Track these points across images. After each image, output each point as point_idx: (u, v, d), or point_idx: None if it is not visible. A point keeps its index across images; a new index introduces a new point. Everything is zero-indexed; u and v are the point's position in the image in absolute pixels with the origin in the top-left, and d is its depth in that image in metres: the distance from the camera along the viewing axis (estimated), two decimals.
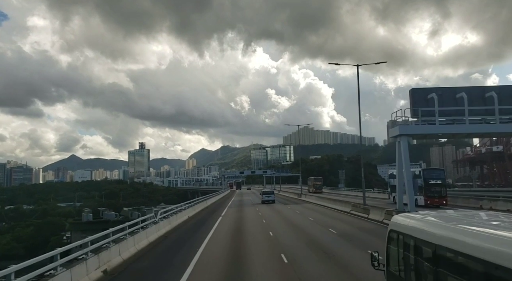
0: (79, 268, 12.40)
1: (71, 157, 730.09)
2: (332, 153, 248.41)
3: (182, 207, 35.69)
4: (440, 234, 5.56)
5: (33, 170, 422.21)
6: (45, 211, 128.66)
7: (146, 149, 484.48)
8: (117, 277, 14.15)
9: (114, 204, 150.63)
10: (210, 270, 14.80)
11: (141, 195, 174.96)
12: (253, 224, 30.87)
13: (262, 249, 18.79)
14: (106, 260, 14.66)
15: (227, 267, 15.30)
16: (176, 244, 21.54)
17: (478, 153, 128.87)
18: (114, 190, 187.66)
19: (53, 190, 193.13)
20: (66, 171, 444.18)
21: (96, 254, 13.95)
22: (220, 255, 17.93)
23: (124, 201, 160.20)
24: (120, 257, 16.26)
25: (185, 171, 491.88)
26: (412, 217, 6.94)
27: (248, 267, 14.97)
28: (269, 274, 13.72)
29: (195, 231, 27.19)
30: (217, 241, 22.06)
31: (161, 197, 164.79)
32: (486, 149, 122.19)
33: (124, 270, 15.12)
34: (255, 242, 21.16)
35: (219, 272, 14.46)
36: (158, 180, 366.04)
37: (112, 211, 69.54)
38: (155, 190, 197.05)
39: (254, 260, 16.17)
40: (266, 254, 17.52)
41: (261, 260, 16.07)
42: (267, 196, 59.72)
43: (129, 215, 67.05)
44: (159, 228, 24.45)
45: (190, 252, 18.38)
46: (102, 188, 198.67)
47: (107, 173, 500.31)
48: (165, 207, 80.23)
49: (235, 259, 16.77)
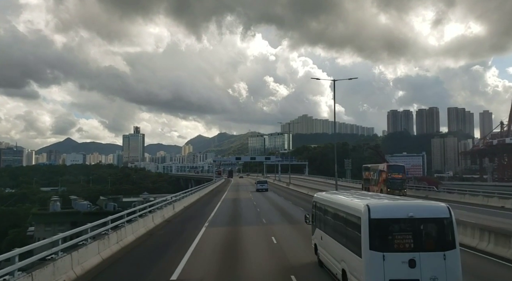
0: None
1: (67, 140, 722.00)
2: (330, 142, 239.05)
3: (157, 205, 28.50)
4: (325, 199, 13.32)
5: (25, 152, 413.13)
6: (24, 196, 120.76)
7: (141, 134, 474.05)
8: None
9: (100, 190, 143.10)
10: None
11: (131, 181, 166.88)
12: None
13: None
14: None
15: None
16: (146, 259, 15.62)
17: (489, 144, 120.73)
18: (103, 175, 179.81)
19: (39, 173, 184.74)
20: (58, 154, 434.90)
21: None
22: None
23: (112, 187, 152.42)
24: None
25: (180, 157, 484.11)
26: (319, 194, 15.02)
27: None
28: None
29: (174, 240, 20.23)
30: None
31: (151, 184, 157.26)
32: (498, 141, 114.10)
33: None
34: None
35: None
36: (152, 166, 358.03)
37: (84, 200, 61.28)
38: (146, 176, 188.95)
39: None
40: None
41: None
42: (261, 185, 66.01)
43: (104, 206, 59.17)
44: (132, 232, 19.72)
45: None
46: (91, 173, 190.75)
47: (102, 157, 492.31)
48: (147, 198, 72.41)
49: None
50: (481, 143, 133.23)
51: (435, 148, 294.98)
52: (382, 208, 9.56)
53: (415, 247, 8.87)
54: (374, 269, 8.82)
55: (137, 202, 58.82)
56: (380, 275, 8.75)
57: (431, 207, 9.61)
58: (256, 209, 34.88)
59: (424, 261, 8.77)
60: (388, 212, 9.39)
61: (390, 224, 9.17)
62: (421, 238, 9.09)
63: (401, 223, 9.16)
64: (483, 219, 25.03)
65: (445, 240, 9.13)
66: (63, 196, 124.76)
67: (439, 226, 9.32)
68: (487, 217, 27.25)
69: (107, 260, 14.92)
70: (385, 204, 10.10)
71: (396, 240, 8.96)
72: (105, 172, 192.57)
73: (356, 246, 9.44)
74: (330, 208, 12.40)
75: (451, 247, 9.01)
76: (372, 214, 9.05)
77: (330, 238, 12.11)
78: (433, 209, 9.51)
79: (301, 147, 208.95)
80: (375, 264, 8.79)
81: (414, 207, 9.50)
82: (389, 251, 8.86)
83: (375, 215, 9.05)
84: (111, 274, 13.58)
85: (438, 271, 8.75)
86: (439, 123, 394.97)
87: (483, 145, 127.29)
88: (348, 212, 10.38)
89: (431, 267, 8.75)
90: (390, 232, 9.08)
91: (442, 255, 8.86)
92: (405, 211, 9.15)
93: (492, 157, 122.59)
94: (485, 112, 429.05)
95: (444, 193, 46.07)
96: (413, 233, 9.00)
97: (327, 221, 12.73)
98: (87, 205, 58.74)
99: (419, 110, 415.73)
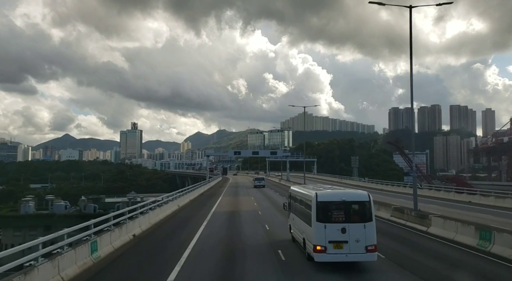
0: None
1: (65, 136, 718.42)
2: (335, 138, 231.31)
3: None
4: (295, 191, 17.97)
5: (20, 148, 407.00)
6: (11, 193, 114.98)
7: (138, 130, 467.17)
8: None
9: (91, 187, 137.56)
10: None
11: (124, 178, 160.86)
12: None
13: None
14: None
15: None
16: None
17: (500, 142, 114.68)
18: (96, 172, 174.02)
19: (30, 169, 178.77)
20: (54, 150, 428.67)
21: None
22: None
23: (104, 184, 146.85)
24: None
25: (179, 154, 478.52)
26: (292, 187, 19.32)
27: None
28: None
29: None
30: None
31: (145, 182, 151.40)
32: (509, 138, 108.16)
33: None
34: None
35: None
36: (150, 163, 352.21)
37: (62, 201, 55.33)
38: (141, 173, 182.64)
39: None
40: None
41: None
42: (258, 182, 67.82)
43: (83, 208, 53.35)
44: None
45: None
46: (84, 169, 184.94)
47: (100, 153, 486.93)
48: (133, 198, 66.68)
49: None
50: (490, 141, 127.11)
51: (438, 146, 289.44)
52: (325, 195, 14.27)
53: (346, 220, 13.55)
54: (319, 234, 13.47)
55: (121, 204, 53.26)
56: (323, 238, 13.37)
57: (357, 194, 14.62)
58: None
59: (351, 229, 13.36)
60: (329, 197, 14.18)
61: (330, 205, 13.84)
62: (349, 214, 13.77)
63: (337, 204, 13.82)
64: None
65: (365, 216, 13.69)
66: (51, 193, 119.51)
67: (361, 207, 13.95)
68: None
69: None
70: (327, 192, 14.74)
71: (333, 215, 13.67)
72: (98, 168, 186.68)
73: (309, 220, 14.15)
74: (298, 197, 17.08)
75: (369, 220, 13.59)
76: (319, 198, 13.86)
77: (297, 218, 16.75)
78: (358, 195, 14.42)
79: (305, 143, 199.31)
80: (320, 231, 13.47)
81: (345, 194, 14.36)
82: (329, 222, 13.50)
83: (321, 199, 13.87)
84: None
85: (360, 235, 13.33)
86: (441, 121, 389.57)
87: (493, 142, 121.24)
88: (306, 198, 15.14)
89: (355, 233, 13.34)
90: (329, 210, 13.73)
91: (363, 225, 13.49)
92: (340, 197, 14.04)
93: (501, 155, 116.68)
94: (488, 110, 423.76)
95: (495, 199, 35.97)
96: (344, 211, 13.73)
97: (296, 206, 17.39)
98: (65, 206, 52.92)
99: (421, 108, 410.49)
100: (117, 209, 48.15)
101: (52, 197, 56.95)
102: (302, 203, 15.78)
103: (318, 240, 13.33)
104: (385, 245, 16.96)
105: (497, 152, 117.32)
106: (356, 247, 13.18)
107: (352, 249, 13.18)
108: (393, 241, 19.09)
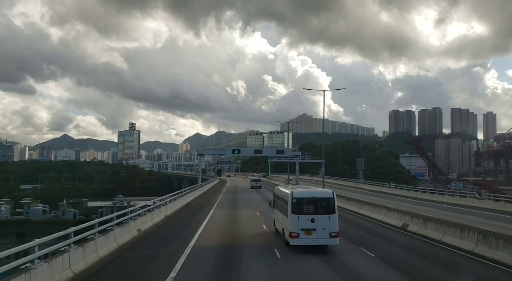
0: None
1: (63, 136, 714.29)
2: (338, 140, 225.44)
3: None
4: (278, 190, 21.99)
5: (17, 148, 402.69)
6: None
7: (136, 130, 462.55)
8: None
9: (83, 188, 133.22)
10: None
11: (119, 179, 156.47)
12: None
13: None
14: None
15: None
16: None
17: (507, 145, 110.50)
18: (90, 173, 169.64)
19: (22, 169, 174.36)
20: (50, 150, 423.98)
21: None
22: None
23: (97, 186, 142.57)
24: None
25: (177, 155, 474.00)
26: (276, 187, 23.52)
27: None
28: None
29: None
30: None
31: (139, 183, 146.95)
32: None
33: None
34: None
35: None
36: (147, 163, 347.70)
37: (39, 204, 50.86)
38: (136, 174, 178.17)
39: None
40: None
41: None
42: (255, 183, 71.78)
43: (61, 213, 48.93)
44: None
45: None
46: (78, 170, 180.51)
47: (98, 154, 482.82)
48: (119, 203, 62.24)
49: None
50: (496, 144, 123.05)
51: (439, 149, 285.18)
52: (299, 192, 18.18)
53: (314, 212, 17.20)
54: (294, 223, 17.05)
55: (105, 209, 48.99)
56: (296, 226, 16.94)
57: (323, 192, 18.82)
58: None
59: (318, 219, 16.95)
60: (302, 194, 17.95)
61: (302, 200, 17.53)
62: (317, 207, 17.39)
63: (308, 200, 17.60)
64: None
65: (329, 209, 17.28)
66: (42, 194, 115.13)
67: (327, 202, 17.54)
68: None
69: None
70: (301, 191, 18.79)
71: (305, 209, 17.32)
72: (93, 169, 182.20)
73: (286, 213, 17.81)
74: (279, 194, 20.93)
75: (333, 212, 17.19)
76: (294, 195, 17.63)
77: (279, 212, 20.50)
78: (324, 192, 18.49)
79: (307, 144, 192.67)
80: (294, 220, 17.06)
81: (314, 192, 18.55)
82: (301, 214, 17.13)
83: (295, 196, 17.63)
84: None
85: (325, 224, 16.90)
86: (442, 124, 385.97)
87: (499, 146, 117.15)
88: (285, 196, 18.83)
89: (322, 222, 16.92)
90: (302, 204, 17.40)
91: (328, 217, 17.06)
92: (310, 194, 18.08)
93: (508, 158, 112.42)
94: (489, 113, 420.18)
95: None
96: (313, 205, 17.43)
97: (278, 202, 21.13)
98: (43, 210, 48.47)
99: (422, 111, 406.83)
100: (100, 215, 43.99)
101: (28, 200, 52.07)
102: (282, 200, 19.49)
103: (292, 228, 17.02)
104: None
105: (504, 156, 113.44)
106: (323, 234, 16.81)
107: (319, 235, 16.81)
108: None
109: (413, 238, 21.05)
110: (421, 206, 36.21)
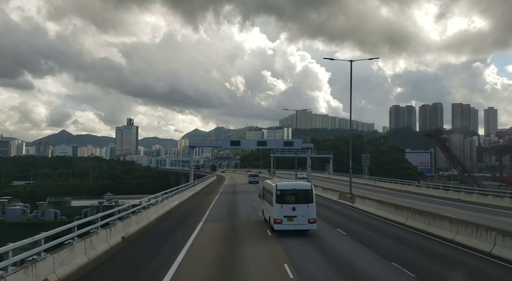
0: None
1: (62, 132, 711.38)
2: (341, 134, 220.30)
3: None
4: (266, 183, 26.66)
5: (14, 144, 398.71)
6: None
7: (134, 126, 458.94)
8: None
9: (76, 185, 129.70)
10: None
11: (114, 175, 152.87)
12: None
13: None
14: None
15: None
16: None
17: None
18: (85, 169, 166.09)
19: (16, 165, 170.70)
20: (48, 146, 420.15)
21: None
22: None
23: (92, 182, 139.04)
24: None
25: (176, 151, 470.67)
26: (265, 181, 28.52)
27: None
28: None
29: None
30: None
31: (135, 180, 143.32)
32: None
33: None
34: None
35: None
36: (145, 159, 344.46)
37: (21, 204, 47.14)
38: (133, 170, 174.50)
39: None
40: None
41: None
42: (253, 178, 76.83)
43: (41, 214, 45.27)
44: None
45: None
46: (73, 166, 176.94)
47: (96, 150, 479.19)
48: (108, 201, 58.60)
49: None
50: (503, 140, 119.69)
51: None
52: (282, 185, 21.60)
53: (295, 202, 20.71)
54: (278, 211, 20.63)
55: (90, 209, 45.48)
56: (280, 214, 20.53)
57: (303, 184, 22.62)
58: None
59: (299, 208, 20.57)
60: (284, 187, 21.39)
61: (285, 192, 21.01)
62: (298, 198, 20.85)
63: (289, 191, 21.11)
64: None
65: (308, 199, 20.84)
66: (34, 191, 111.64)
67: (306, 193, 21.07)
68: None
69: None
70: (283, 183, 22.24)
71: (287, 199, 20.76)
72: (88, 165, 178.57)
73: (271, 203, 21.33)
74: (267, 187, 24.84)
75: (311, 202, 20.79)
76: (278, 187, 21.08)
77: (266, 203, 24.19)
78: (304, 185, 22.22)
79: (308, 139, 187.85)
80: (278, 209, 20.62)
81: (295, 184, 22.38)
82: (284, 203, 20.63)
83: (279, 188, 21.09)
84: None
85: (305, 212, 20.54)
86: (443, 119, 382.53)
87: (505, 141, 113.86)
88: (270, 188, 22.45)
89: (302, 210, 20.56)
90: (285, 195, 20.84)
91: (307, 206, 20.67)
92: (292, 186, 21.63)
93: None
94: (490, 108, 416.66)
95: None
96: (295, 196, 20.90)
97: (266, 195, 24.69)
98: (21, 210, 44.66)
99: (422, 106, 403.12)
100: (84, 215, 40.54)
101: (5, 199, 47.89)
102: (268, 192, 23.28)
103: (277, 215, 20.67)
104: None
105: (510, 151, 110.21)
106: (302, 220, 20.51)
107: (299, 221, 20.52)
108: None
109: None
110: (494, 216, 27.72)
